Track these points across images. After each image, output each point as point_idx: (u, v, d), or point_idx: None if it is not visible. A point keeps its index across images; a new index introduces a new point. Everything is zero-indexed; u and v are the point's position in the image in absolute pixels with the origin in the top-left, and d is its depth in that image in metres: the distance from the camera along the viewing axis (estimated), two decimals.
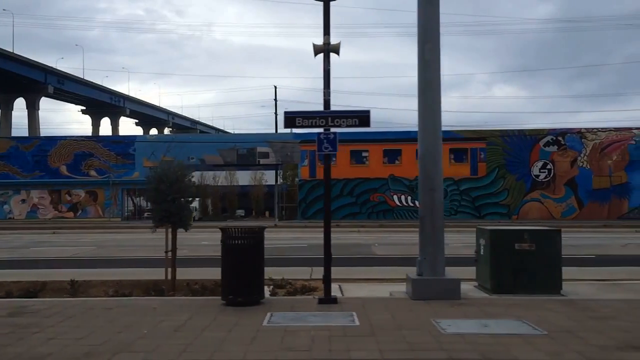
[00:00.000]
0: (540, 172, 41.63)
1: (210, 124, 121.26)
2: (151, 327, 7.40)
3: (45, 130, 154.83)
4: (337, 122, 8.98)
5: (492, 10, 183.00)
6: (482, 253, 10.82)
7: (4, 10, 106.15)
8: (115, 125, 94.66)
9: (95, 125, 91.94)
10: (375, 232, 29.18)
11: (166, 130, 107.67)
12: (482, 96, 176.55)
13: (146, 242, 20.44)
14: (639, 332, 7.00)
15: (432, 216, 9.55)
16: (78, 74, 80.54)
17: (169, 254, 11.12)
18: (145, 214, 45.41)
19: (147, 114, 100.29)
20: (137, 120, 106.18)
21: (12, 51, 63.45)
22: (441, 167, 9.74)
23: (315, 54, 8.97)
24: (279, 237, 26.16)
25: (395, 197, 42.43)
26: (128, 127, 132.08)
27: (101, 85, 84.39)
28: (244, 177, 51.90)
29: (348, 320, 7.76)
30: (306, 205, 42.70)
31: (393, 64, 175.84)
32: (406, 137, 43.99)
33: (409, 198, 42.18)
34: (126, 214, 43.01)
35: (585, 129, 42.60)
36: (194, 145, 44.07)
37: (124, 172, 42.02)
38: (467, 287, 10.66)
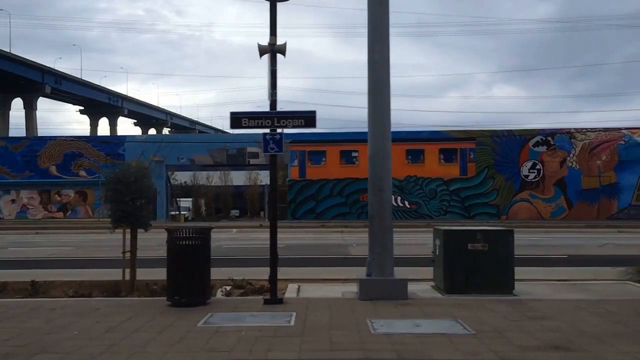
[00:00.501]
0: (529, 172, 41.62)
1: (209, 124, 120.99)
2: (85, 328, 7.42)
3: (46, 130, 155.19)
4: (283, 122, 9.01)
5: (492, 10, 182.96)
6: (437, 253, 10.85)
7: (0, 10, 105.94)
8: (113, 125, 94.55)
9: (94, 125, 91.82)
10: (358, 232, 29.11)
11: (165, 130, 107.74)
12: (482, 96, 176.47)
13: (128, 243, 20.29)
14: (568, 333, 7.02)
15: (381, 217, 9.57)
16: (77, 74, 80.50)
17: (128, 254, 11.20)
18: None
19: (145, 114, 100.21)
20: (135, 121, 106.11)
21: (9, 51, 63.47)
22: (390, 168, 9.76)
23: (261, 55, 8.98)
24: (261, 238, 26.12)
25: None
26: (127, 127, 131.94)
27: (99, 85, 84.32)
28: (238, 177, 51.85)
29: (284, 320, 7.78)
30: (296, 205, 42.74)
31: (393, 64, 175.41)
32: (395, 137, 43.75)
33: (399, 198, 42.19)
34: None
35: (575, 129, 42.58)
36: (184, 146, 44.11)
37: None
38: (423, 288, 10.73)
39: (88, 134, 76.56)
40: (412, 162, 42.54)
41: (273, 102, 9.15)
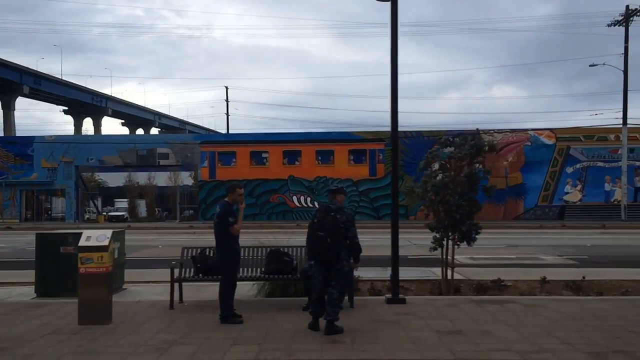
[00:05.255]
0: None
1: (200, 124, 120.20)
2: None
3: (43, 130, 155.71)
4: None
5: (491, 10, 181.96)
6: None
7: None
8: (97, 126, 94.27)
9: (78, 126, 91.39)
10: (208, 233, 28.97)
11: (154, 130, 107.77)
12: (482, 97, 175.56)
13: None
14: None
15: None
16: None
17: None
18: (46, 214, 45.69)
19: (131, 115, 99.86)
20: (123, 121, 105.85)
21: None
22: None
23: None
24: None
25: (294, 198, 42.36)
26: (116, 127, 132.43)
27: (81, 86, 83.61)
28: (188, 177, 51.58)
29: None
30: (206, 206, 42.65)
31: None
32: (306, 138, 43.95)
33: (309, 199, 42.13)
34: (26, 215, 43.23)
35: (482, 130, 42.11)
36: (94, 146, 44.09)
37: (22, 173, 42.18)
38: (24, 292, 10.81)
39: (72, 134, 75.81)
40: (322, 163, 42.45)
41: None
